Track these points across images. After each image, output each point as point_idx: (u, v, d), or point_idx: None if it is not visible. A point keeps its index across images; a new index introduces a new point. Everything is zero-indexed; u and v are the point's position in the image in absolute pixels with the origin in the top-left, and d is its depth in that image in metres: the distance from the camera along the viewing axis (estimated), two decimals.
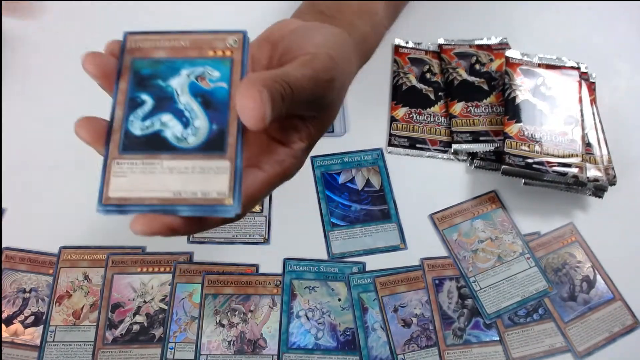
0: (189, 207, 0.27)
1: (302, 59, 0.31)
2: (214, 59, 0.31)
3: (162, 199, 0.27)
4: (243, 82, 0.27)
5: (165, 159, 0.28)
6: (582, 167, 0.51)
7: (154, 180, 0.27)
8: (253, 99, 0.26)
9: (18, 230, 0.51)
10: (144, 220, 0.27)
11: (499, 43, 0.63)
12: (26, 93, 0.59)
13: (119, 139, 0.28)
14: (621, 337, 0.48)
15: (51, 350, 0.46)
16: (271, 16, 0.47)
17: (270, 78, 0.27)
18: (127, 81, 0.30)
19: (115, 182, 0.27)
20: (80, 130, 0.28)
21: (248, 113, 0.26)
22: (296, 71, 0.29)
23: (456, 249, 0.52)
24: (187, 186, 0.27)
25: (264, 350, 0.46)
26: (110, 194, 0.27)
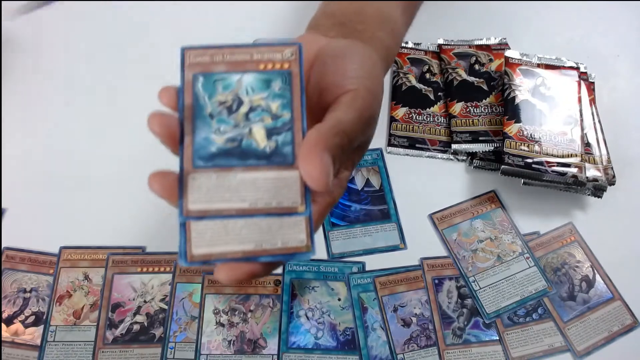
0: (270, 257, 0.29)
1: (346, 101, 0.32)
2: (272, 71, 0.31)
3: (244, 252, 0.29)
4: (304, 147, 0.28)
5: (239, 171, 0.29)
6: (581, 167, 0.51)
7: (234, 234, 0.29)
8: (315, 168, 0.27)
9: (18, 230, 0.51)
10: (228, 268, 0.28)
11: (498, 43, 0.63)
12: (26, 93, 0.59)
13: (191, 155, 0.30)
14: (620, 336, 0.48)
15: (51, 350, 0.46)
16: (282, 19, 0.47)
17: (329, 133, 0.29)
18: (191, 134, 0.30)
19: (196, 238, 0.29)
20: (154, 185, 0.29)
21: (313, 181, 0.27)
22: (347, 116, 0.31)
23: (456, 248, 0.52)
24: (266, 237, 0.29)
25: (264, 350, 0.46)
26: (194, 251, 0.28)
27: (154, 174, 0.29)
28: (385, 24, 0.42)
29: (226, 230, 0.29)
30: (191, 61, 0.31)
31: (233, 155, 0.30)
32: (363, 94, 0.33)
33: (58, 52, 0.62)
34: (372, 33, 0.40)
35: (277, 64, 0.31)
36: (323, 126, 0.30)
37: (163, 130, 0.30)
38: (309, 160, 0.28)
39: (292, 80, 0.31)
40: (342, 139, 0.30)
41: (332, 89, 0.33)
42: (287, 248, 0.29)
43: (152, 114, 0.30)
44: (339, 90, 0.33)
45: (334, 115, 0.31)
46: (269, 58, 0.31)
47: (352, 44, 0.37)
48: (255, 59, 0.31)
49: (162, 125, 0.29)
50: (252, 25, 0.64)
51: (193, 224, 0.29)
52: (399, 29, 0.44)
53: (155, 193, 0.29)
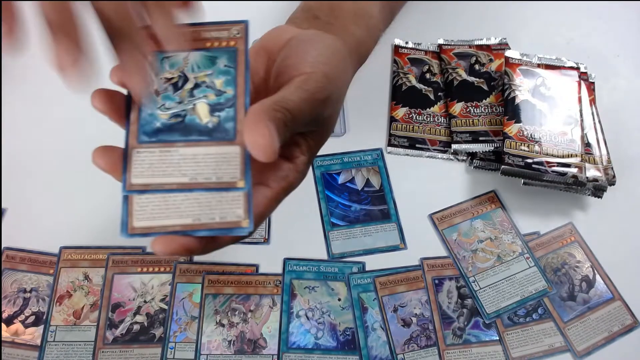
0: (208, 230, 0.29)
1: (298, 81, 0.32)
2: (219, 49, 0.32)
3: (183, 225, 0.29)
4: (248, 116, 0.28)
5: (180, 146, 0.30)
6: (581, 167, 0.51)
7: (174, 208, 0.29)
8: (262, 136, 0.27)
9: (18, 230, 0.51)
10: (164, 240, 0.29)
11: (498, 43, 0.63)
12: (26, 93, 0.59)
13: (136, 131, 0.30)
14: (620, 336, 0.48)
15: (51, 350, 0.46)
16: (270, 17, 0.47)
17: (272, 108, 0.29)
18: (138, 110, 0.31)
19: (138, 211, 0.29)
20: (98, 160, 0.30)
21: (259, 149, 0.27)
22: (293, 95, 0.31)
23: (456, 248, 0.52)
24: (205, 211, 0.29)
25: (264, 350, 0.46)
26: (135, 224, 0.29)
27: (97, 149, 0.30)
28: (359, 18, 0.43)
29: (167, 205, 0.29)
30: None
31: (176, 130, 0.30)
32: (317, 76, 0.33)
33: None
34: (343, 26, 0.41)
35: (223, 42, 0.32)
36: (267, 100, 0.30)
37: (107, 106, 0.30)
38: (253, 129, 0.28)
39: (237, 57, 0.31)
40: (284, 114, 0.29)
41: (289, 71, 0.33)
42: (225, 222, 0.29)
43: (95, 90, 0.30)
44: (294, 72, 0.33)
45: (280, 93, 0.31)
46: (216, 36, 0.32)
47: (318, 33, 0.37)
48: (202, 37, 0.32)
49: (106, 102, 0.30)
50: (252, 25, 0.63)
51: (135, 198, 0.29)
52: (375, 25, 0.45)
53: (99, 168, 0.30)
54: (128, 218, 0.29)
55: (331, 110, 0.35)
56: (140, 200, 0.29)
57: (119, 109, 0.31)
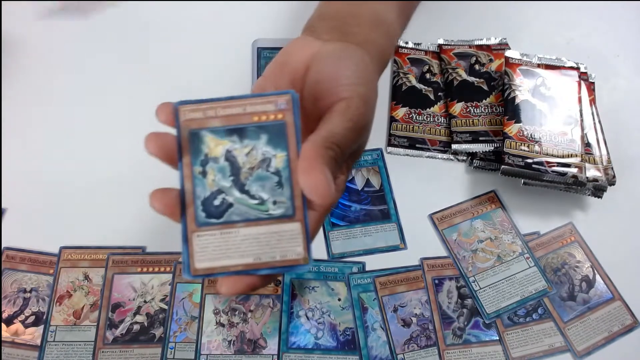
0: (269, 269, 0.30)
1: (339, 110, 0.32)
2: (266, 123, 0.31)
3: (245, 265, 0.30)
4: (302, 163, 0.29)
5: (241, 227, 0.30)
6: (581, 167, 0.51)
7: (234, 248, 0.30)
8: (319, 181, 0.28)
9: (18, 230, 0.51)
10: (229, 281, 0.29)
11: (498, 43, 0.63)
12: (26, 93, 0.59)
13: (194, 213, 0.30)
14: (620, 336, 0.48)
15: (51, 350, 0.46)
16: (282, 19, 0.47)
17: (324, 147, 0.29)
18: (189, 154, 0.31)
19: (199, 253, 0.30)
20: (156, 203, 0.30)
21: (317, 195, 0.28)
22: (339, 127, 0.31)
23: (456, 248, 0.52)
24: (265, 250, 0.30)
25: (264, 350, 0.46)
26: (197, 265, 0.30)
27: (155, 192, 0.30)
28: (379, 25, 0.42)
29: (227, 245, 0.30)
30: (185, 117, 0.31)
31: (235, 210, 0.31)
32: (356, 102, 0.33)
33: (58, 52, 0.62)
34: (366, 35, 0.40)
35: (271, 115, 0.32)
36: (316, 138, 0.30)
37: (160, 151, 0.30)
38: (309, 175, 0.28)
39: (287, 130, 0.31)
40: (335, 151, 0.30)
41: (326, 97, 0.33)
42: (286, 261, 0.30)
43: (149, 135, 0.30)
44: (333, 97, 0.33)
45: (326, 127, 0.31)
46: (263, 110, 0.32)
47: (345, 47, 0.37)
48: (249, 112, 0.32)
49: (159, 147, 0.30)
50: (253, 25, 0.64)
51: (195, 239, 0.30)
52: (394, 31, 0.44)
53: (156, 211, 0.30)
54: (190, 260, 0.30)
55: (369, 132, 0.35)
56: (200, 242, 0.30)
57: (172, 152, 0.31)
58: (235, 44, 0.62)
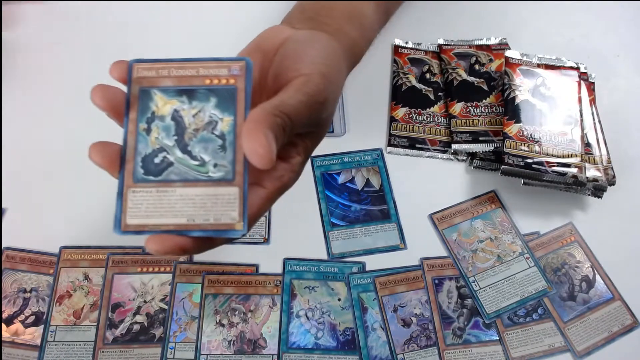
0: (201, 231, 0.29)
1: (297, 84, 0.32)
2: (217, 86, 0.31)
3: (176, 225, 0.29)
4: (247, 125, 0.28)
5: (178, 186, 0.30)
6: (581, 167, 0.51)
7: (168, 207, 0.29)
8: (260, 144, 0.28)
9: (18, 230, 0.51)
10: (158, 239, 0.29)
11: (498, 43, 0.63)
12: (26, 93, 0.59)
13: (132, 168, 0.30)
14: (620, 336, 0.48)
15: (51, 350, 0.46)
16: (266, 17, 0.47)
17: (272, 113, 0.29)
18: (136, 110, 0.31)
19: (132, 209, 0.29)
20: (94, 155, 0.30)
21: (257, 157, 0.28)
22: (292, 99, 0.31)
23: (456, 248, 0.52)
24: (199, 212, 0.29)
25: (264, 350, 0.46)
26: (128, 221, 0.29)
27: (94, 145, 0.30)
28: (354, 18, 0.43)
29: (161, 203, 0.29)
30: (138, 74, 0.32)
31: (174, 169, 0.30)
32: (316, 78, 0.33)
33: (58, 52, 0.62)
34: (338, 26, 0.41)
35: (222, 80, 0.32)
36: (266, 105, 0.30)
37: (106, 103, 0.30)
38: (252, 137, 0.28)
39: (236, 96, 0.31)
40: (283, 119, 0.30)
41: (287, 73, 0.33)
42: (219, 224, 0.29)
43: (95, 87, 0.30)
44: (292, 73, 0.33)
45: (279, 97, 0.31)
46: (216, 74, 0.32)
47: (314, 33, 0.38)
48: (201, 74, 0.32)
49: (106, 99, 0.30)
50: (253, 25, 0.63)
51: (130, 195, 0.30)
52: (369, 25, 0.45)
53: (95, 164, 0.30)
54: (122, 215, 0.29)
55: (328, 112, 0.35)
56: (135, 198, 0.30)
57: (119, 106, 0.31)
58: (235, 44, 0.62)
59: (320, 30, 0.38)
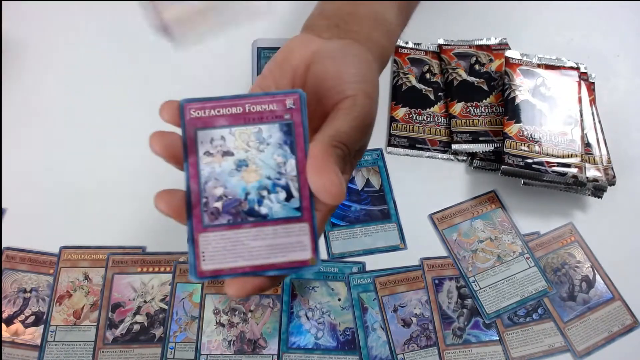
0: (277, 270, 0.29)
1: (345, 108, 0.32)
2: (273, 122, 0.31)
3: (252, 267, 0.29)
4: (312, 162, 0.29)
5: (248, 227, 0.30)
6: (581, 167, 0.51)
7: (241, 249, 0.29)
8: (331, 182, 0.28)
9: (18, 230, 0.51)
10: (237, 283, 0.29)
11: (498, 43, 0.63)
12: (26, 93, 0.59)
13: (200, 213, 0.30)
14: (620, 336, 0.48)
15: (52, 350, 0.46)
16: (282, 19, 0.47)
17: (332, 145, 0.29)
18: (195, 153, 0.31)
19: (205, 255, 0.29)
20: (160, 205, 0.29)
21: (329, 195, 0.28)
22: (345, 126, 0.31)
23: (456, 248, 0.52)
24: (273, 252, 0.29)
25: (264, 350, 0.46)
26: (203, 267, 0.29)
27: (160, 193, 0.30)
28: (379, 24, 0.42)
29: (234, 246, 0.29)
30: (191, 115, 0.31)
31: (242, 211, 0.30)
32: (361, 100, 0.33)
33: (58, 53, 0.62)
34: (367, 34, 0.40)
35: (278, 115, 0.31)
36: (324, 137, 0.30)
37: (165, 151, 0.30)
38: (321, 175, 0.28)
39: (294, 130, 0.31)
40: (343, 150, 0.30)
41: (331, 95, 0.33)
42: (294, 262, 0.29)
43: (154, 134, 0.30)
44: (337, 96, 0.33)
45: (332, 125, 0.31)
46: (270, 109, 0.31)
47: (347, 45, 0.37)
48: (255, 111, 0.31)
49: (164, 146, 0.30)
50: (253, 25, 0.63)
51: (202, 240, 0.29)
52: (393, 30, 0.44)
53: (161, 212, 0.29)
54: (196, 261, 0.29)
55: (372, 129, 0.35)
56: (207, 243, 0.30)
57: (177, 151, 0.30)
58: (235, 44, 0.62)
59: (350, 39, 0.38)
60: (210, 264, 0.29)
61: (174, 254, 0.50)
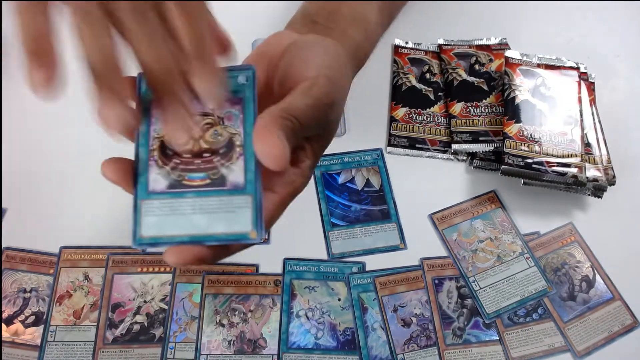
0: (216, 240, 0.29)
1: (303, 87, 0.32)
2: None
3: (191, 235, 0.29)
4: (258, 127, 0.29)
5: (191, 197, 0.30)
6: (581, 167, 0.51)
7: (183, 218, 0.30)
8: (274, 145, 0.28)
9: (18, 230, 0.51)
10: (175, 250, 0.29)
11: (498, 43, 0.63)
12: (26, 93, 0.59)
13: (146, 181, 0.30)
14: (620, 336, 0.48)
15: (51, 350, 0.46)
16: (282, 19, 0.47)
17: (280, 116, 0.29)
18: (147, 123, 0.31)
19: (147, 221, 0.30)
20: (107, 171, 0.30)
21: (272, 159, 0.28)
22: (300, 102, 0.31)
23: (456, 248, 0.52)
24: (213, 222, 0.29)
25: (264, 350, 0.46)
26: (144, 232, 0.30)
27: (106, 161, 0.30)
28: (357, 22, 0.43)
29: (175, 214, 0.30)
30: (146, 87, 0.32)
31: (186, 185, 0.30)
32: (322, 81, 0.33)
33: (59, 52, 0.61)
34: (342, 31, 0.41)
35: None
36: (274, 109, 0.30)
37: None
38: (264, 139, 0.28)
39: (243, 105, 0.32)
40: (292, 122, 0.30)
41: (293, 77, 0.34)
42: (233, 233, 0.29)
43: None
44: (298, 78, 0.33)
45: (286, 100, 0.31)
46: None
47: (319, 38, 0.38)
48: None
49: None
50: (252, 25, 0.63)
51: (144, 207, 0.30)
52: (372, 29, 0.46)
53: (108, 180, 0.30)
54: (137, 228, 0.30)
55: (335, 115, 0.35)
56: (149, 210, 0.30)
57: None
58: (235, 44, 0.62)
59: (324, 35, 0.39)
60: (150, 231, 0.29)
61: None
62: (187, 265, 0.29)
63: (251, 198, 0.30)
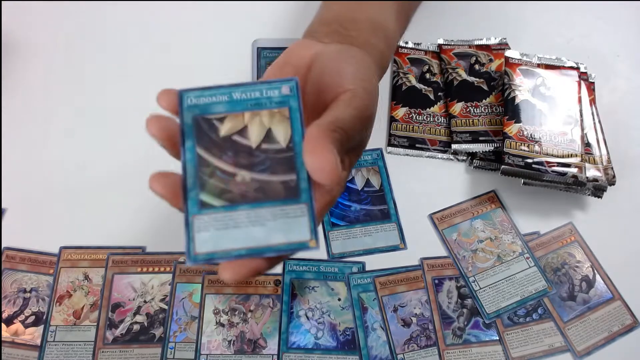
0: (276, 251, 0.29)
1: (345, 99, 0.32)
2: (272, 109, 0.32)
3: (249, 248, 0.29)
4: (308, 143, 0.28)
5: (245, 210, 0.30)
6: (581, 167, 0.51)
7: (238, 231, 0.29)
8: (327, 160, 0.27)
9: (18, 230, 0.51)
10: (231, 266, 0.28)
11: (498, 43, 0.63)
12: (26, 93, 0.59)
13: (196, 197, 0.30)
14: (620, 336, 0.48)
15: (51, 350, 0.46)
16: (282, 19, 0.47)
17: (330, 129, 0.29)
18: (192, 138, 0.31)
19: (200, 237, 0.29)
20: (156, 186, 0.29)
21: (323, 174, 0.27)
22: (345, 113, 0.31)
23: (456, 248, 0.52)
24: (271, 233, 0.29)
25: (264, 350, 0.46)
26: (198, 249, 0.29)
27: (154, 175, 0.29)
28: (378, 30, 0.43)
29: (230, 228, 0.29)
30: (189, 103, 0.31)
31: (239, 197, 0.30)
32: (361, 93, 0.33)
33: (58, 52, 0.62)
34: (365, 39, 0.41)
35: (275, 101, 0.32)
36: (322, 121, 0.30)
37: (162, 133, 0.30)
38: (316, 154, 0.28)
39: (291, 115, 0.31)
40: (340, 134, 0.30)
41: (331, 89, 0.33)
42: (291, 242, 0.29)
43: (150, 117, 0.30)
44: (337, 89, 0.33)
45: (333, 113, 0.31)
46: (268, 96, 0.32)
47: (347, 48, 0.37)
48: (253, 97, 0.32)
49: (161, 128, 0.30)
50: (253, 25, 0.64)
51: (196, 222, 0.29)
52: (392, 35, 0.45)
53: (156, 194, 0.29)
54: (191, 244, 0.29)
55: (372, 126, 0.35)
56: (202, 225, 0.29)
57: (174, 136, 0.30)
58: (235, 44, 0.62)
59: (349, 44, 0.38)
60: (204, 247, 0.29)
61: (173, 254, 0.50)
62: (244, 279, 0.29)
63: (307, 206, 0.30)
